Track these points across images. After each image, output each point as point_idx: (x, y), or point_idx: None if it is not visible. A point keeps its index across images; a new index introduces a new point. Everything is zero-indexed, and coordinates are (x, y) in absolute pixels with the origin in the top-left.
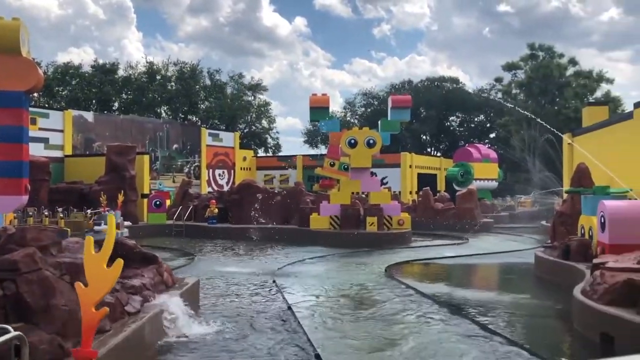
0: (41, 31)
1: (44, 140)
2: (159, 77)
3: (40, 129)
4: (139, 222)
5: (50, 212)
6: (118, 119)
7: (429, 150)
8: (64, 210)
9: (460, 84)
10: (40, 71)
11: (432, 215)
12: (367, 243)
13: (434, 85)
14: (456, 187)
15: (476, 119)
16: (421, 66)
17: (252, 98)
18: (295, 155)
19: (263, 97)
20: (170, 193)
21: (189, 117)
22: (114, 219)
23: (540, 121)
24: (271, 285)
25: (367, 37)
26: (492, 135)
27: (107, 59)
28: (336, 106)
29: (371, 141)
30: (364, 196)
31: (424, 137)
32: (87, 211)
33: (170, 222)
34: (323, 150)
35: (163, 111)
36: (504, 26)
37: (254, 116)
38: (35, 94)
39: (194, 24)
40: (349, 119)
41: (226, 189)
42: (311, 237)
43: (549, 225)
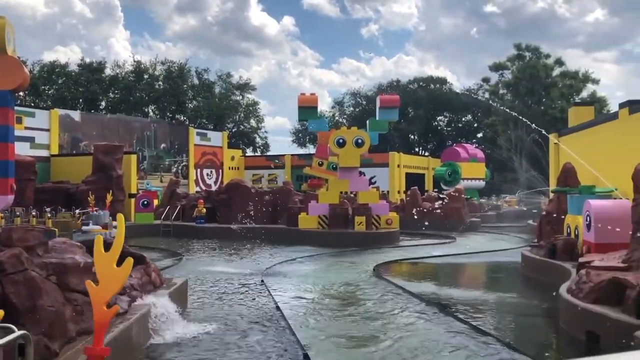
0: (27, 29)
1: (29, 140)
2: (146, 76)
3: (26, 128)
4: (126, 222)
5: (38, 212)
6: (105, 118)
7: (416, 149)
8: (52, 210)
9: (448, 84)
10: (26, 70)
11: (420, 214)
12: (355, 242)
13: (422, 85)
14: (444, 187)
15: (463, 119)
16: (409, 66)
17: (241, 97)
18: (283, 155)
19: (251, 96)
20: (158, 193)
21: (177, 116)
22: (123, 218)
23: (527, 121)
24: (259, 285)
25: (355, 37)
26: (480, 135)
27: (94, 57)
28: (325, 106)
29: (359, 141)
30: (352, 196)
31: (412, 136)
32: (76, 211)
33: (157, 222)
34: (311, 149)
35: (151, 110)
36: (490, 26)
37: (242, 115)
38: (21, 93)
39: (181, 23)
40: (337, 118)
41: (214, 188)
42: (300, 236)
43: (535, 225)
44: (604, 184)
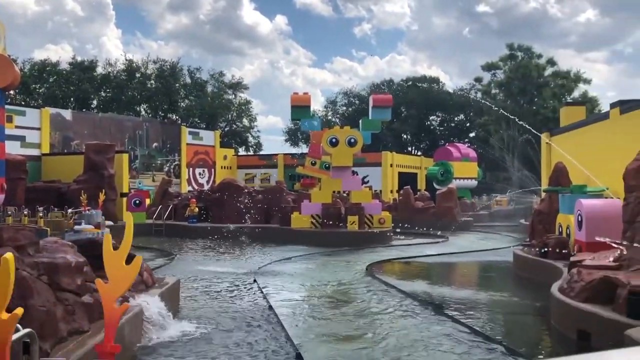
0: (18, 28)
1: (20, 139)
2: (138, 75)
3: (17, 126)
4: (118, 222)
5: (30, 212)
6: (97, 117)
7: (409, 149)
8: (45, 210)
9: (441, 84)
10: (16, 68)
11: (413, 214)
12: (348, 242)
13: (415, 85)
14: (436, 186)
15: (456, 119)
16: (402, 65)
17: (233, 96)
18: (276, 154)
19: (244, 95)
20: (150, 192)
21: (169, 115)
22: (131, 217)
23: (519, 121)
24: (252, 284)
25: (348, 36)
26: (472, 134)
27: (85, 56)
28: (317, 105)
29: (352, 140)
30: (345, 195)
31: (405, 136)
32: (68, 210)
33: (150, 221)
34: (304, 149)
35: (143, 109)
36: (483, 26)
37: (235, 115)
38: (12, 92)
39: (174, 21)
40: (330, 117)
41: (207, 188)
42: (292, 236)
43: (527, 224)
44: (595, 184)
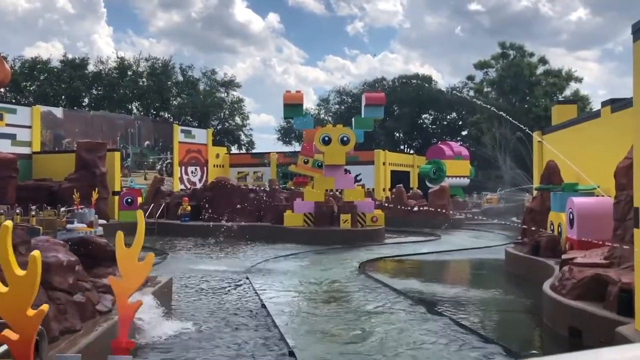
0: (8, 25)
1: (11, 137)
2: (130, 73)
3: (8, 125)
4: (110, 220)
5: (22, 210)
6: (88, 115)
7: (402, 147)
8: (37, 208)
9: (433, 82)
10: (7, 66)
11: (405, 212)
12: (341, 240)
13: (407, 83)
14: (429, 184)
15: (448, 117)
16: (394, 64)
17: (225, 94)
18: (269, 152)
19: (236, 93)
20: (142, 190)
21: (161, 113)
22: (142, 214)
23: (511, 119)
24: (245, 282)
25: (340, 34)
26: (464, 132)
27: (76, 54)
28: (310, 103)
29: (345, 138)
30: (338, 193)
31: (397, 134)
32: (61, 209)
33: None
34: (297, 147)
35: (134, 107)
36: (475, 25)
37: (227, 113)
38: (2, 89)
39: (165, 19)
40: (322, 116)
41: (199, 186)
42: (285, 234)
43: (519, 222)
44: (586, 182)
